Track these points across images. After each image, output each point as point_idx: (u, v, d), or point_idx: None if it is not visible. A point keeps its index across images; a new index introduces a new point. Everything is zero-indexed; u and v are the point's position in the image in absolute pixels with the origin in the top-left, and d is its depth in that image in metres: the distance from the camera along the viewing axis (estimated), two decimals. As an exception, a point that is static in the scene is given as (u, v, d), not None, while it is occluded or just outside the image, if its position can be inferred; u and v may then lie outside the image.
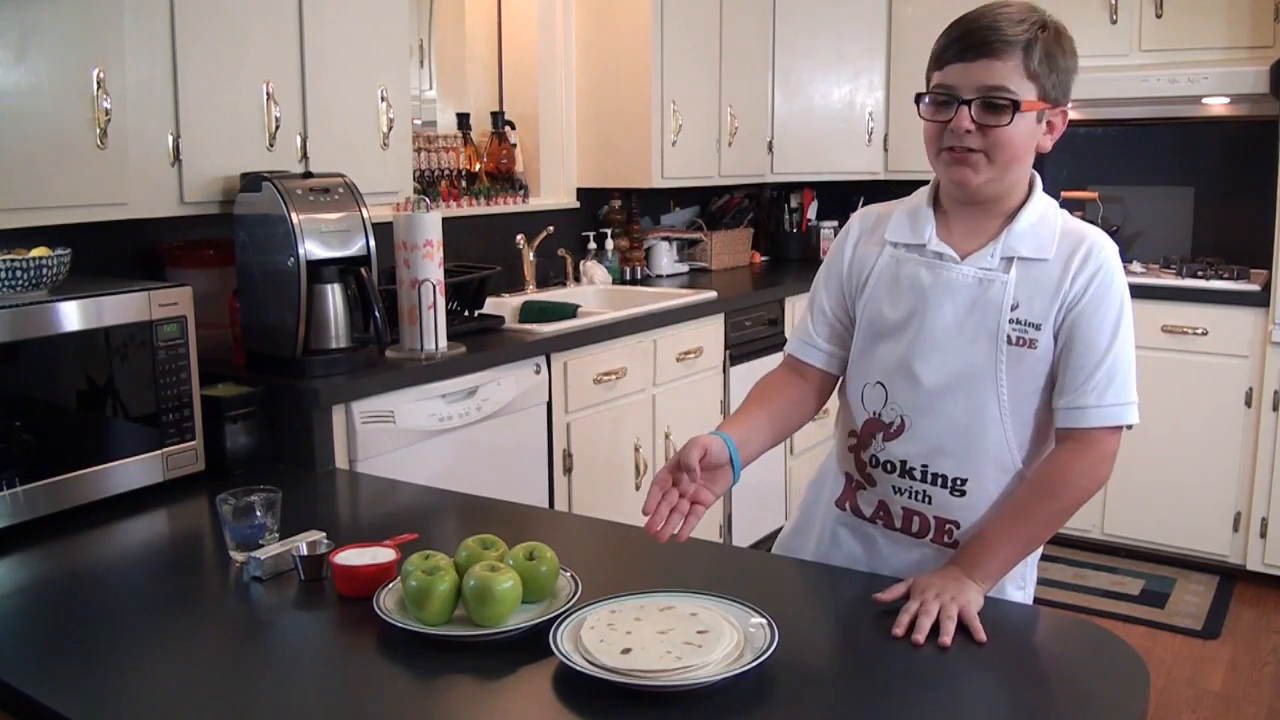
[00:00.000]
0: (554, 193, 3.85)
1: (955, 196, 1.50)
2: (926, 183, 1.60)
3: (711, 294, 3.58)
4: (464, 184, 3.47)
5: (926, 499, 1.51)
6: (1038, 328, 1.43)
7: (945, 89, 1.42)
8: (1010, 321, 1.43)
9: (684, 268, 4.32)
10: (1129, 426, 1.44)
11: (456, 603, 1.32)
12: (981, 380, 1.45)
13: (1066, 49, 1.44)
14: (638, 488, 3.19)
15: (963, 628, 1.31)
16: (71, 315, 1.81)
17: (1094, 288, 1.42)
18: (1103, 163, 4.44)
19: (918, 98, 1.46)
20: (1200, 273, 3.79)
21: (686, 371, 3.40)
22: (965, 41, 1.41)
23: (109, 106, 2.03)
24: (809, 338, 1.62)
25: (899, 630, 1.30)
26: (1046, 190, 1.53)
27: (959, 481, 1.48)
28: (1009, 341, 1.43)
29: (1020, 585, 1.58)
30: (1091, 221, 4.56)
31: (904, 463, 1.51)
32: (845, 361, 1.60)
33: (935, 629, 1.30)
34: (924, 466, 1.49)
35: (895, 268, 1.52)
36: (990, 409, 1.45)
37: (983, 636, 1.29)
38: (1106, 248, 1.45)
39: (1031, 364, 1.44)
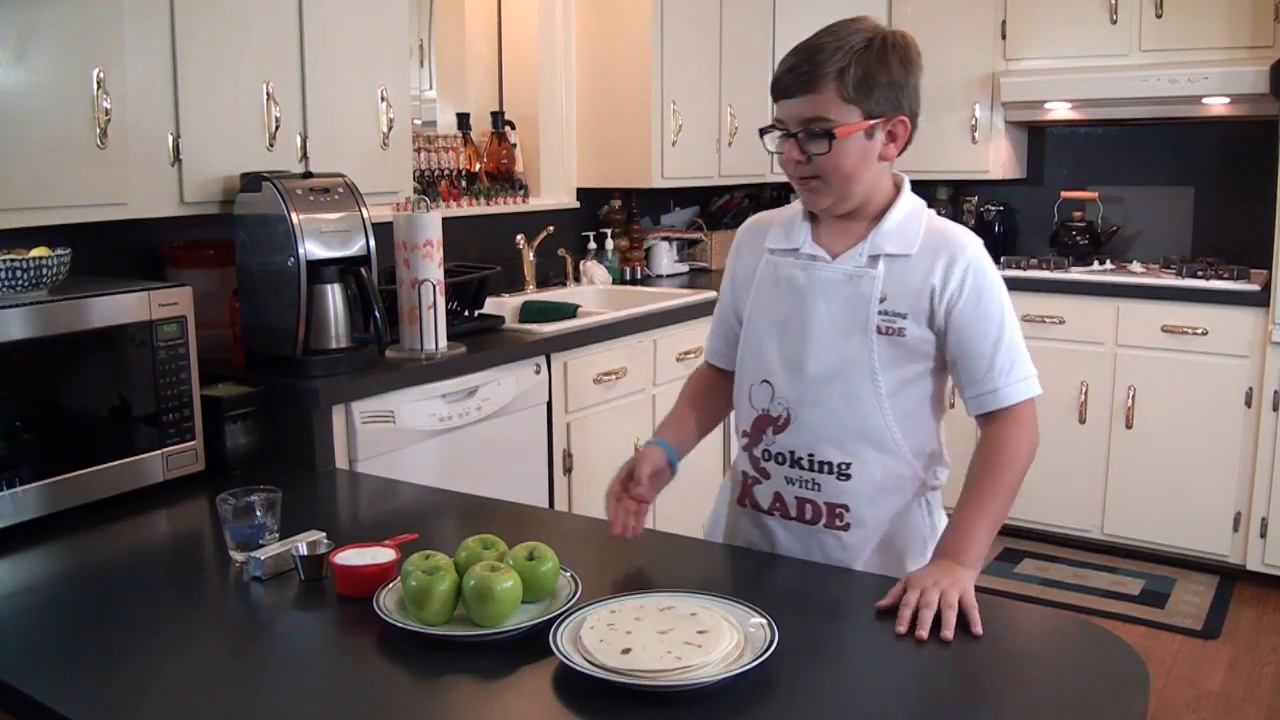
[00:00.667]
0: (554, 193, 3.85)
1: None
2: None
3: (711, 294, 3.58)
4: (464, 184, 3.47)
5: (816, 486, 1.59)
6: (904, 317, 1.53)
7: (780, 122, 1.53)
8: (879, 313, 1.53)
9: (684, 268, 4.33)
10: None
11: (456, 603, 1.32)
12: (858, 370, 1.55)
13: (895, 62, 1.49)
14: (638, 488, 3.19)
15: (960, 624, 1.31)
16: (71, 315, 1.81)
17: (969, 286, 1.52)
18: (1103, 163, 4.44)
19: (762, 131, 1.59)
20: (1200, 273, 3.79)
21: (687, 371, 3.36)
22: (784, 80, 1.51)
23: (109, 106, 2.03)
24: (720, 346, 1.75)
25: (902, 627, 1.32)
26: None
27: (844, 466, 1.57)
28: (879, 331, 1.53)
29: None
30: (1091, 221, 4.58)
31: (793, 453, 1.60)
32: None
33: (936, 623, 1.32)
34: (810, 455, 1.58)
35: (774, 272, 1.62)
36: (867, 396, 1.55)
37: (979, 629, 1.32)
38: (971, 245, 1.55)
39: (902, 352, 1.54)
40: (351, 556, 1.45)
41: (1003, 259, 4.29)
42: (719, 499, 1.80)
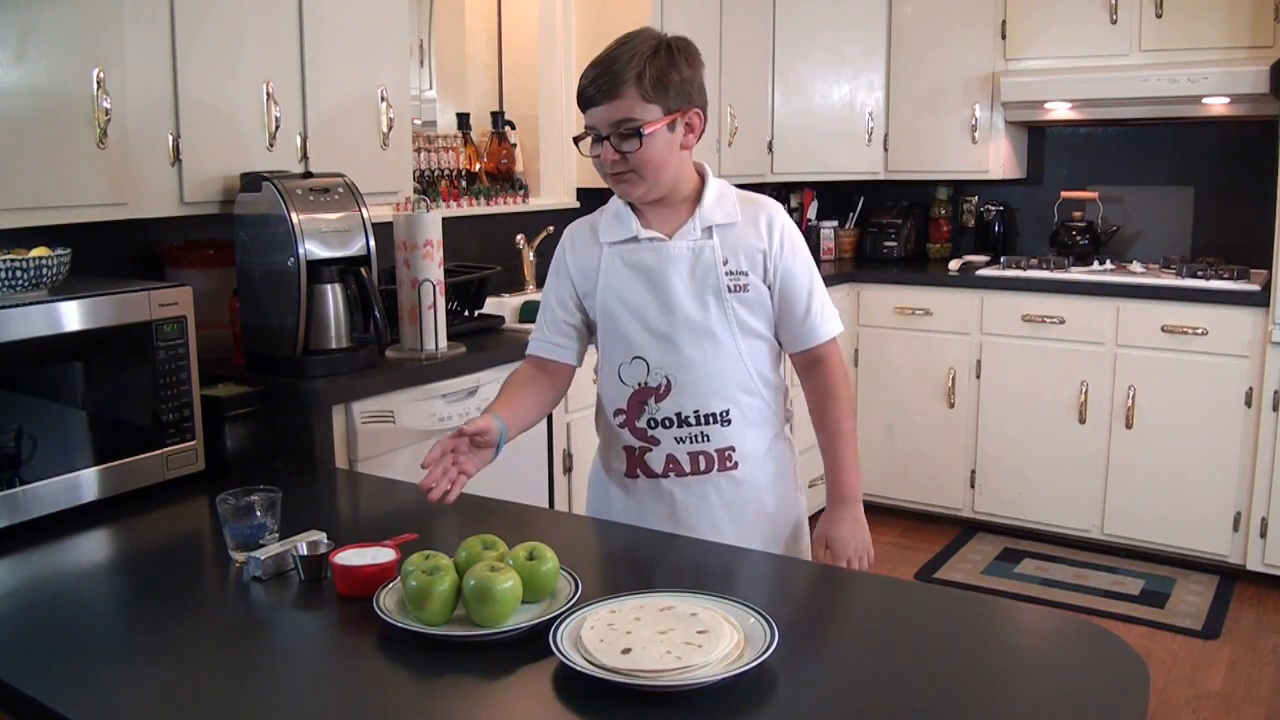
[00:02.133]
0: (554, 193, 3.84)
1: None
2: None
3: (711, 294, 3.57)
4: (464, 184, 3.47)
5: (705, 438, 1.79)
6: (745, 274, 1.76)
7: (591, 129, 1.70)
8: (726, 274, 1.75)
9: (684, 268, 4.32)
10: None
11: (456, 603, 1.32)
12: (717, 327, 1.76)
13: (680, 62, 1.70)
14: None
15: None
16: (71, 315, 1.81)
17: (786, 242, 1.78)
18: (1103, 163, 4.44)
19: (576, 140, 1.74)
20: (1200, 273, 3.79)
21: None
22: (589, 91, 1.68)
23: (109, 106, 2.03)
24: (550, 338, 1.88)
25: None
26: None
27: (724, 413, 1.78)
28: (729, 290, 1.75)
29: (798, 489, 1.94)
30: (1091, 221, 4.58)
31: (679, 414, 1.78)
32: (579, 354, 1.88)
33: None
34: (696, 411, 1.78)
35: (620, 260, 1.79)
36: (729, 348, 1.77)
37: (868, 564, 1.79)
38: (779, 208, 1.82)
39: (749, 304, 1.77)
40: (351, 556, 1.45)
41: (1003, 259, 4.29)
42: (594, 483, 1.94)
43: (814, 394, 1.85)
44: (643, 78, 1.65)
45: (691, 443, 1.79)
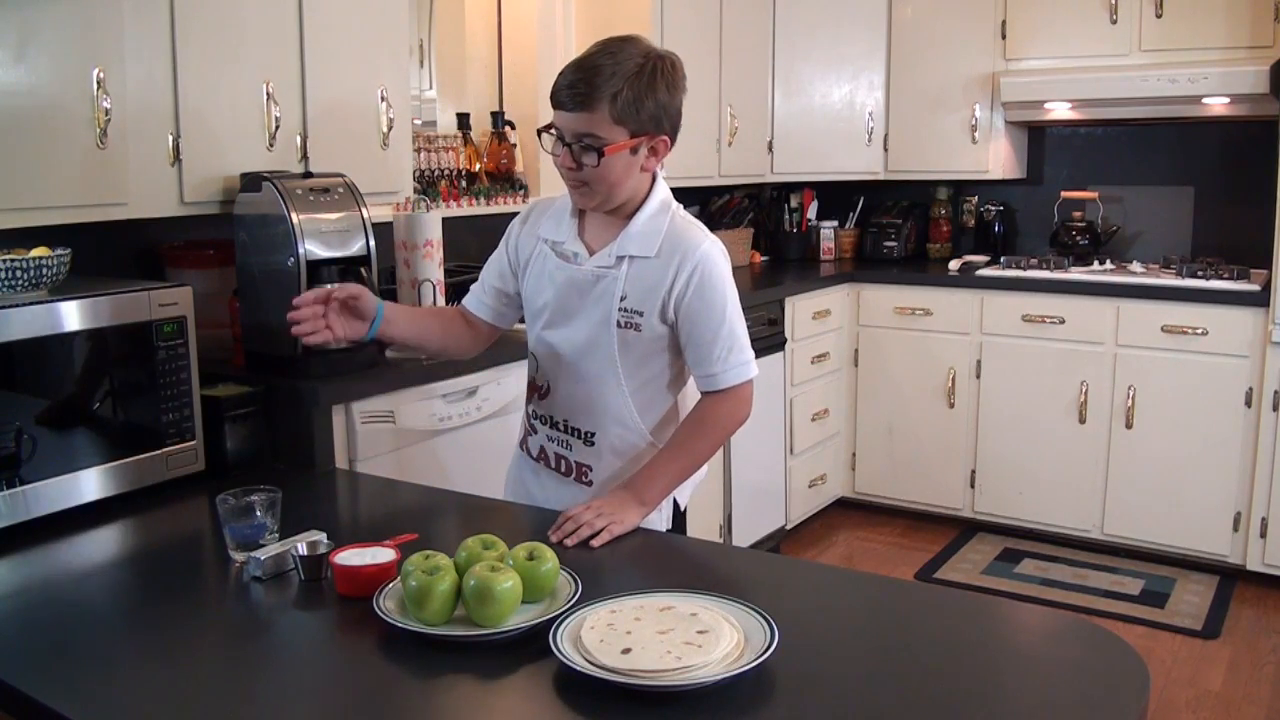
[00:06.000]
0: (554, 193, 3.83)
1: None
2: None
3: (711, 294, 3.57)
4: (464, 184, 3.46)
5: (568, 446, 1.85)
6: (642, 314, 1.74)
7: (556, 129, 1.69)
8: (620, 309, 1.74)
9: (684, 268, 4.31)
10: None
11: (456, 603, 1.32)
12: (601, 355, 1.77)
13: (660, 86, 1.67)
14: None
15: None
16: (71, 315, 1.81)
17: (694, 284, 1.72)
18: (1103, 163, 4.44)
19: (540, 131, 1.74)
20: (1200, 273, 3.79)
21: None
22: (563, 94, 1.66)
23: (109, 106, 2.03)
24: (481, 295, 1.94)
25: (553, 535, 1.61)
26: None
27: (589, 434, 1.82)
28: (619, 325, 1.75)
29: (659, 511, 1.86)
30: (1091, 221, 4.58)
31: (551, 417, 1.86)
32: (506, 319, 1.94)
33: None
34: (564, 421, 1.84)
35: (543, 262, 1.83)
36: (609, 378, 1.78)
37: (597, 544, 1.60)
38: (703, 246, 1.74)
39: (640, 343, 1.76)
40: (351, 556, 1.45)
41: (1003, 259, 4.29)
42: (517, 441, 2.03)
43: (691, 413, 1.82)
44: (618, 98, 1.63)
45: (557, 445, 1.87)
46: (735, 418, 1.80)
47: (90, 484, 1.84)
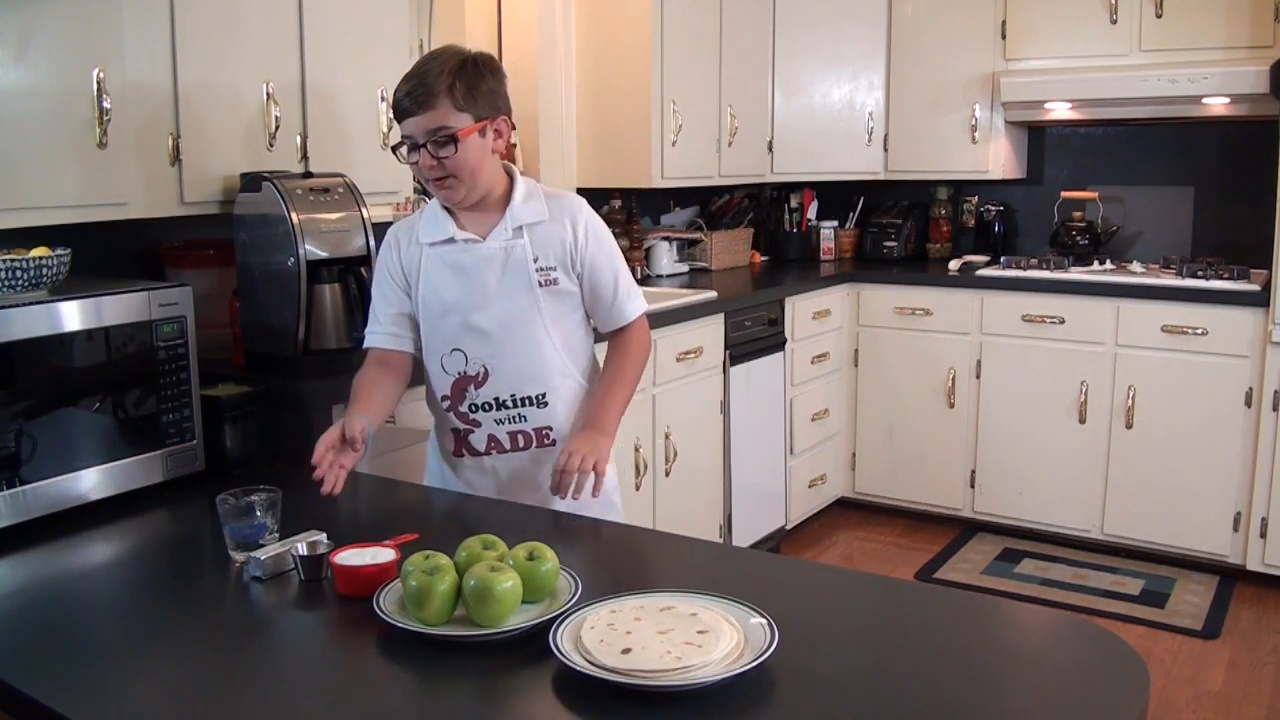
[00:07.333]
0: (556, 188, 3.84)
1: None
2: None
3: (711, 294, 3.58)
4: (464, 184, 3.46)
5: (523, 418, 1.96)
6: (554, 269, 1.92)
7: (408, 138, 1.83)
8: (537, 270, 1.90)
9: (684, 268, 4.33)
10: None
11: (456, 603, 1.32)
12: (529, 320, 1.91)
13: (485, 73, 1.84)
14: (638, 488, 3.19)
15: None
16: (71, 315, 1.81)
17: (590, 236, 1.94)
18: (1103, 163, 4.44)
19: (394, 148, 1.87)
20: (1200, 273, 3.78)
21: (686, 371, 3.40)
22: (405, 103, 1.81)
23: (109, 106, 2.03)
24: (388, 329, 1.98)
25: (563, 496, 1.81)
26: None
27: (540, 397, 1.95)
28: (540, 285, 1.90)
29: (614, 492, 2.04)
30: (1091, 221, 4.59)
31: (497, 399, 1.94)
32: (417, 343, 1.99)
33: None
34: (513, 395, 1.94)
35: (439, 260, 1.92)
36: (541, 338, 1.92)
37: (597, 494, 1.83)
38: (584, 204, 1.99)
39: (560, 297, 1.93)
40: (351, 556, 1.46)
41: (1003, 259, 4.29)
42: (430, 457, 2.11)
43: (612, 351, 2.02)
44: (454, 89, 1.78)
45: (511, 423, 1.96)
46: (645, 345, 2.04)
47: (90, 484, 1.84)
